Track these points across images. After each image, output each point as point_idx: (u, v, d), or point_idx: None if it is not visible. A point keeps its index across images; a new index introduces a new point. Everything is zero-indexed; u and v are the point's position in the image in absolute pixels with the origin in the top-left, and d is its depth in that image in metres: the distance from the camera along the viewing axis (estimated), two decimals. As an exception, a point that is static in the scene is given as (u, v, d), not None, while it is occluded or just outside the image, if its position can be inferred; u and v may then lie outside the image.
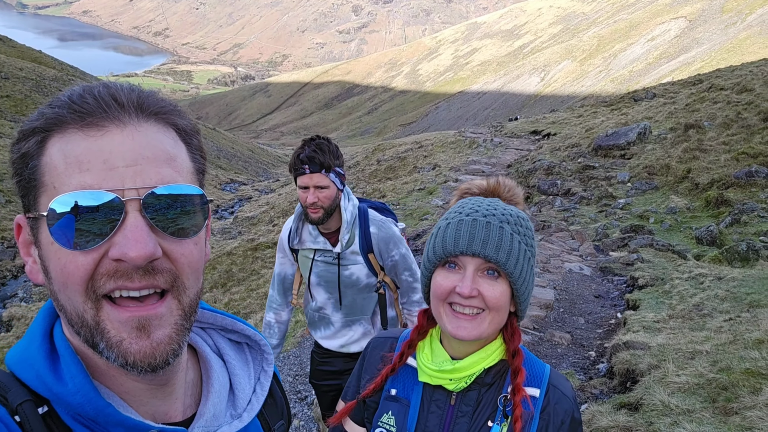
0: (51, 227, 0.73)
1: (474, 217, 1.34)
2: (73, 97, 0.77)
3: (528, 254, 1.36)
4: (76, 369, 0.77)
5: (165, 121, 0.81)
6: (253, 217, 23.54)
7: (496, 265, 1.30)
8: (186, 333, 0.81)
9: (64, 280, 0.75)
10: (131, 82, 0.82)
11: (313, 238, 2.92)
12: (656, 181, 12.72)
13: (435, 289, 1.36)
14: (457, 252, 1.31)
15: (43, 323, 0.84)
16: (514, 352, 1.39)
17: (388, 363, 1.52)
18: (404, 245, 2.98)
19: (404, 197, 14.88)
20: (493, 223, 1.32)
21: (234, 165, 56.18)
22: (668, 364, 4.24)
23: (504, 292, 1.33)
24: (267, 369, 1.05)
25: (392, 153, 27.27)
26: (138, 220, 0.74)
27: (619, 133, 15.88)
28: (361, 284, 2.94)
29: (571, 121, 23.35)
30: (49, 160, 0.75)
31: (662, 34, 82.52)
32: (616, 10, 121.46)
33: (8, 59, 49.04)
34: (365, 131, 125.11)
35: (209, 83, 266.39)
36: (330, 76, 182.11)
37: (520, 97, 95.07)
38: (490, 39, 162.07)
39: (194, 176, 0.85)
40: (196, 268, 0.82)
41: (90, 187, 0.73)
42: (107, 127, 0.75)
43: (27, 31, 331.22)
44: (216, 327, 1.03)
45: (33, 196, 0.77)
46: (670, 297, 6.36)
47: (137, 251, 0.72)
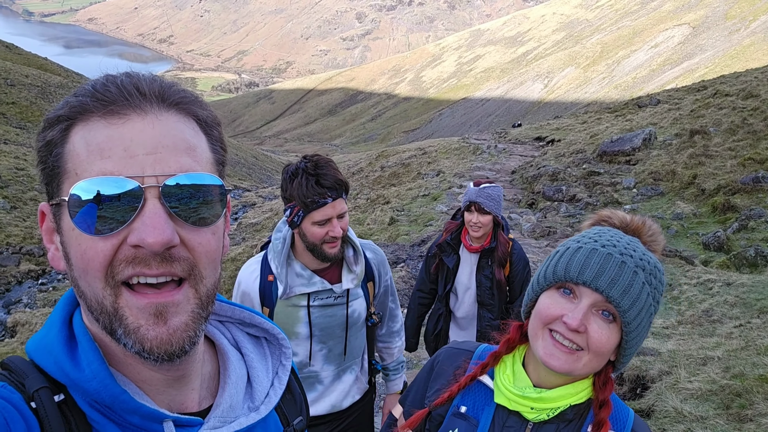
0: (72, 213, 0.75)
1: (610, 251, 1.22)
2: (96, 86, 0.78)
3: (652, 309, 1.24)
4: (93, 355, 0.78)
5: (186, 111, 0.82)
6: (257, 224, 23.53)
7: (615, 308, 1.19)
8: (202, 322, 0.82)
9: (84, 266, 0.76)
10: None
11: (306, 280, 2.34)
12: (662, 187, 12.66)
13: (541, 310, 1.26)
14: (579, 280, 1.21)
15: (63, 311, 0.85)
16: (603, 402, 1.29)
17: (462, 373, 1.44)
18: (389, 269, 2.66)
19: (409, 203, 14.83)
20: (629, 264, 1.20)
21: (238, 171, 56.28)
22: (680, 370, 4.19)
23: (612, 339, 1.22)
24: (285, 363, 1.05)
25: (396, 159, 27.25)
26: (156, 207, 0.75)
27: (624, 138, 15.83)
28: (361, 320, 2.50)
29: (576, 127, 23.32)
30: (72, 148, 0.76)
31: (666, 41, 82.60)
32: (620, 17, 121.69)
33: (14, 66, 49.29)
34: (369, 138, 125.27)
35: (213, 90, 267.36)
36: (334, 83, 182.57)
37: (524, 104, 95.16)
38: (494, 46, 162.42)
39: (214, 167, 0.85)
40: (214, 258, 0.82)
41: (110, 174, 0.74)
42: (129, 115, 0.76)
43: (33, 38, 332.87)
44: (234, 320, 1.04)
45: (56, 183, 0.78)
46: (679, 303, 6.30)
47: (155, 237, 0.73)
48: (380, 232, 11.79)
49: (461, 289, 3.61)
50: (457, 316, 3.67)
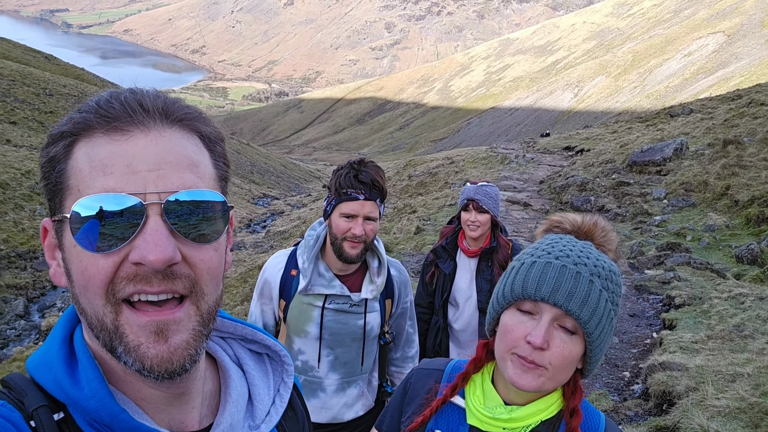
0: (73, 230, 0.74)
1: (564, 263, 1.22)
2: (100, 102, 0.78)
3: (612, 314, 1.25)
4: (92, 373, 0.78)
5: (189, 128, 0.82)
6: (285, 232, 23.77)
7: (576, 320, 1.19)
8: (204, 340, 0.81)
9: (85, 283, 0.75)
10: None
11: (327, 281, 2.38)
12: (693, 198, 12.41)
13: (504, 332, 1.26)
14: (537, 297, 1.20)
15: (63, 328, 0.85)
16: (573, 410, 1.29)
17: (434, 396, 1.43)
18: (412, 291, 2.64)
19: (435, 212, 14.80)
20: (584, 274, 1.21)
21: (267, 180, 56.93)
22: (707, 387, 4.09)
23: (575, 350, 1.22)
24: (287, 380, 1.04)
25: (423, 168, 27.26)
26: (158, 224, 0.75)
27: (655, 148, 15.58)
28: (373, 335, 2.48)
29: (605, 137, 23.04)
30: (75, 164, 0.76)
31: (699, 49, 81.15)
32: (652, 25, 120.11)
33: (53, 77, 50.75)
34: (397, 147, 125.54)
35: (244, 99, 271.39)
36: (362, 93, 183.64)
37: (553, 113, 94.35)
38: (523, 55, 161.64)
39: (217, 183, 0.85)
40: (216, 275, 0.82)
41: (113, 190, 0.73)
42: (132, 131, 0.76)
43: (71, 49, 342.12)
44: (236, 336, 1.03)
45: (59, 199, 0.78)
46: (709, 317, 6.16)
47: (156, 255, 0.73)
48: (406, 242, 11.78)
49: (461, 299, 3.44)
50: (456, 328, 3.48)
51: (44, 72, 51.79)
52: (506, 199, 14.51)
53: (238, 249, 22.62)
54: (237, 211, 34.28)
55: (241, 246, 23.46)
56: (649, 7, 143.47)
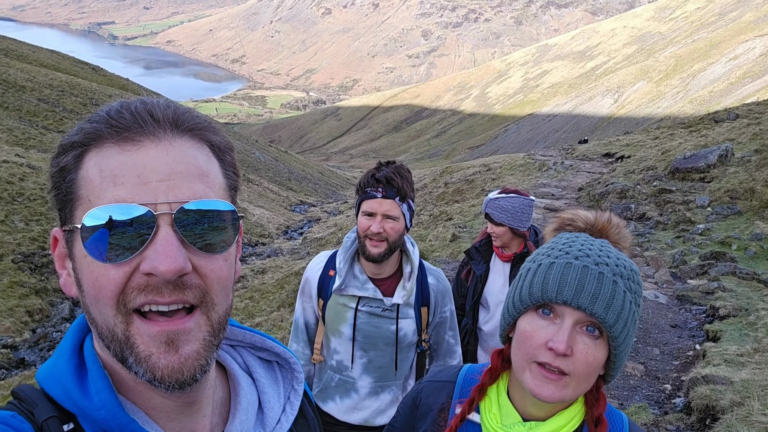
0: (84, 240, 0.75)
1: (584, 263, 1.15)
2: (111, 112, 0.78)
3: (635, 316, 1.18)
4: (102, 384, 0.78)
5: (199, 137, 0.82)
6: (322, 238, 23.95)
7: (601, 323, 1.12)
8: (214, 349, 0.81)
9: (96, 294, 0.75)
10: (193, 106, 0.85)
11: (360, 283, 2.42)
12: (739, 206, 12.04)
13: (522, 339, 1.19)
14: (559, 300, 1.13)
15: (73, 338, 0.85)
16: (597, 419, 1.22)
17: (447, 413, 1.37)
18: (453, 301, 2.64)
19: (471, 220, 14.72)
20: (606, 274, 1.14)
21: (304, 187, 57.47)
22: (753, 402, 3.95)
23: (599, 355, 1.15)
24: (297, 388, 1.04)
25: (460, 176, 27.15)
26: (169, 234, 0.75)
27: (699, 155, 15.18)
28: (406, 342, 2.48)
29: (647, 143, 22.55)
30: (86, 174, 0.77)
31: (746, 53, 78.80)
32: (695, 29, 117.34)
33: (99, 87, 52.42)
34: (433, 154, 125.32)
35: (282, 107, 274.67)
36: (399, 100, 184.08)
37: (593, 119, 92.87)
38: (561, 61, 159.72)
39: (226, 192, 0.85)
40: (226, 285, 0.82)
41: (123, 201, 0.74)
42: (142, 142, 0.76)
43: (116, 60, 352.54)
44: (246, 344, 1.03)
45: (69, 209, 0.78)
46: (756, 329, 5.96)
47: (167, 265, 0.73)
48: (442, 249, 11.74)
49: (493, 302, 3.46)
50: (485, 330, 3.51)
51: (91, 83, 53.54)
52: (544, 207, 14.33)
53: (275, 255, 22.89)
54: (274, 218, 34.72)
55: (278, 252, 23.74)
56: (693, 11, 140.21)
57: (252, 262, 21.78)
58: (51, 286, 18.23)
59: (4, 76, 41.75)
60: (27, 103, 39.53)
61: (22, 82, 42.33)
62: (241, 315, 12.43)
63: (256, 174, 50.29)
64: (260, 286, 15.78)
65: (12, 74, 43.19)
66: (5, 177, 22.30)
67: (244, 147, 58.89)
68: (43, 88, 43.58)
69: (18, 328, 15.96)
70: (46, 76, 47.20)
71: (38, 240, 19.82)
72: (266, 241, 27.96)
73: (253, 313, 12.44)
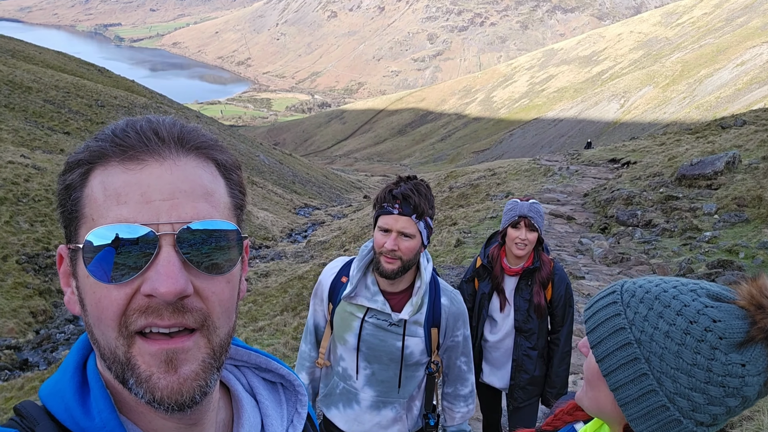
0: (86, 260, 0.74)
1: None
2: (116, 131, 0.78)
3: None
4: (104, 403, 0.78)
5: (205, 156, 0.82)
6: (326, 242, 23.91)
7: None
8: (214, 372, 0.80)
9: (99, 315, 0.75)
10: (195, 110, 0.82)
11: (371, 294, 2.39)
12: (747, 214, 11.95)
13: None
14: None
15: (77, 355, 0.84)
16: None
17: None
18: (468, 326, 2.54)
19: (476, 225, 14.65)
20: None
21: (308, 190, 57.50)
22: (762, 417, 3.88)
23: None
24: (301, 411, 1.02)
25: (465, 180, 27.09)
26: (171, 255, 0.74)
27: (705, 162, 15.09)
28: (412, 361, 2.42)
29: (653, 149, 22.46)
30: (90, 192, 0.76)
31: (753, 59, 78.60)
32: (702, 34, 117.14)
33: (105, 88, 52.55)
34: (438, 158, 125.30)
35: (287, 110, 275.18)
36: (404, 104, 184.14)
37: (598, 124, 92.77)
38: (567, 65, 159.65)
39: (231, 212, 0.84)
40: (228, 307, 0.81)
41: (126, 221, 0.73)
42: (147, 160, 0.76)
43: (122, 62, 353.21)
44: (250, 365, 1.02)
45: (74, 227, 0.78)
46: (764, 340, 5.88)
47: (168, 287, 0.72)
48: (446, 254, 11.68)
49: (499, 316, 3.43)
50: (491, 341, 3.47)
51: (97, 84, 53.68)
52: (549, 212, 14.27)
53: (279, 258, 22.85)
54: (278, 221, 34.70)
55: (282, 255, 23.69)
56: (700, 16, 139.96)
57: (256, 265, 21.75)
58: (55, 288, 18.24)
59: (11, 77, 41.89)
60: (33, 104, 39.66)
61: (28, 83, 42.47)
62: (244, 319, 12.38)
63: (260, 176, 50.33)
64: (264, 289, 15.74)
65: (18, 75, 43.34)
66: (10, 178, 22.35)
67: (249, 149, 58.99)
68: (49, 89, 43.73)
69: (22, 329, 15.97)
70: (52, 78, 47.36)
71: (42, 241, 19.84)
72: (270, 244, 27.94)
73: (256, 317, 12.39)
